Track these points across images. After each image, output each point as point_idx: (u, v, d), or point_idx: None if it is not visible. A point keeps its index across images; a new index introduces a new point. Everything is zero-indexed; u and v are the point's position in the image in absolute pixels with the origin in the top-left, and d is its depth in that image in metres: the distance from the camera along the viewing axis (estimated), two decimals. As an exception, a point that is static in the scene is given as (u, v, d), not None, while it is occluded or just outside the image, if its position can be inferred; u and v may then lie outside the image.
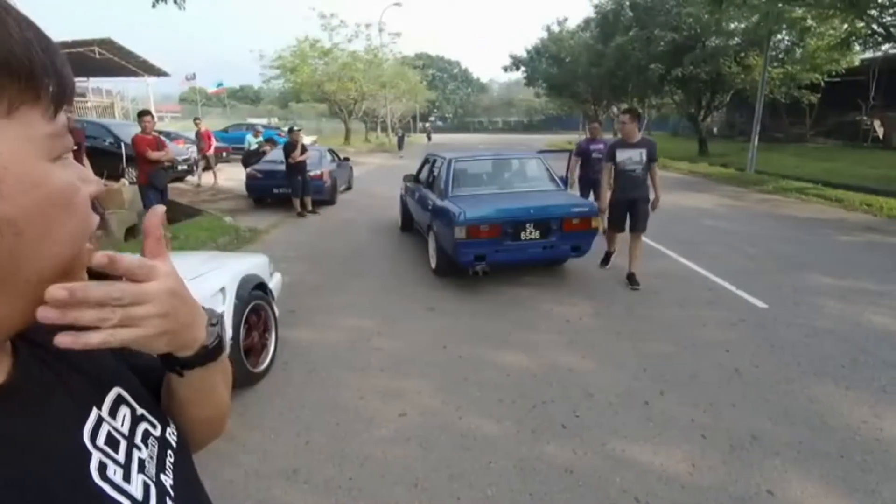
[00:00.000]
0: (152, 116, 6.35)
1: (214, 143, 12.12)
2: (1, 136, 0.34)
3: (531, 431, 2.70)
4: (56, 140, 0.38)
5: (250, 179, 9.78)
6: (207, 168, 12.01)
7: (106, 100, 28.95)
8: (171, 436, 0.54)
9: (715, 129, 31.92)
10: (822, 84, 17.17)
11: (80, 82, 27.96)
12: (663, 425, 2.73)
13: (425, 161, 6.70)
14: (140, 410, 0.52)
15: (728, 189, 12.76)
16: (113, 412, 0.48)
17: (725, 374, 3.28)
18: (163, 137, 6.43)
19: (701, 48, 18.46)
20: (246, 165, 10.72)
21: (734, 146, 23.30)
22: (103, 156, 10.45)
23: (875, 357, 3.48)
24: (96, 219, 0.42)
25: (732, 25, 18.20)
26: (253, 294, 3.16)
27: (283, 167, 8.98)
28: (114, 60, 21.15)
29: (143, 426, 0.51)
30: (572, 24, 35.46)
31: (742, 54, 18.17)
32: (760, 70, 15.96)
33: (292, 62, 27.73)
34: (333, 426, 2.76)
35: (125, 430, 0.48)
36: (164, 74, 25.47)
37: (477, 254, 4.66)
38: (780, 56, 17.69)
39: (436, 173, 5.79)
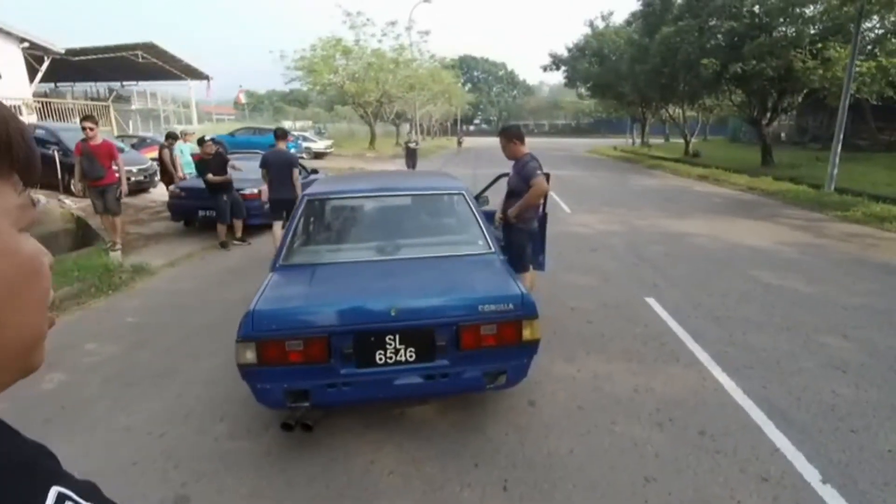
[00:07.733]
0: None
1: (120, 166, 6.37)
2: None
3: None
4: (25, 211, 0.39)
5: (172, 198, 7.95)
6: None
7: (150, 104, 28.89)
8: None
9: (783, 135, 27.82)
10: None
11: (129, 86, 28.09)
12: None
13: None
14: None
15: (799, 215, 9.74)
16: None
17: None
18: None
19: (766, 38, 15.16)
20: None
21: (806, 155, 19.69)
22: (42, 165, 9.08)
23: None
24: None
25: (809, 10, 14.87)
26: None
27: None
28: (157, 64, 20.77)
29: None
30: (619, 18, 32.26)
31: (820, 45, 14.74)
32: (844, 64, 12.67)
33: (312, 62, 26.28)
34: None
35: None
36: (206, 78, 24.68)
37: (290, 389, 2.43)
38: (871, 47, 14.21)
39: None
